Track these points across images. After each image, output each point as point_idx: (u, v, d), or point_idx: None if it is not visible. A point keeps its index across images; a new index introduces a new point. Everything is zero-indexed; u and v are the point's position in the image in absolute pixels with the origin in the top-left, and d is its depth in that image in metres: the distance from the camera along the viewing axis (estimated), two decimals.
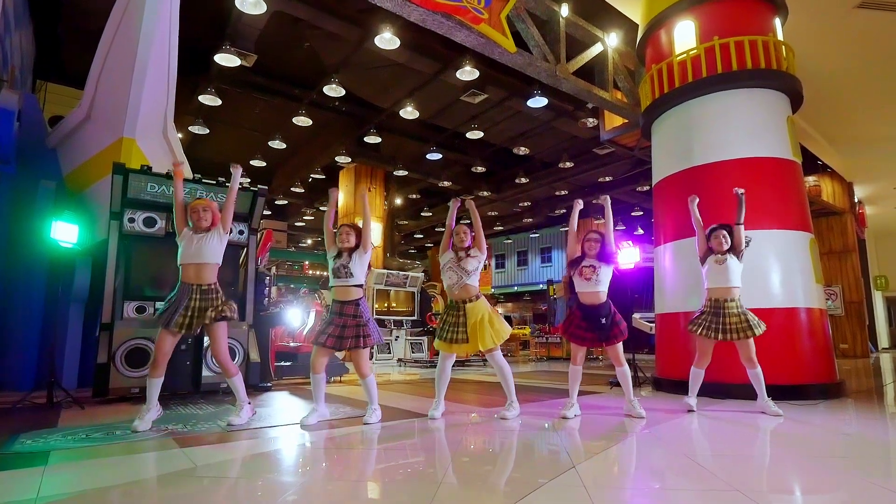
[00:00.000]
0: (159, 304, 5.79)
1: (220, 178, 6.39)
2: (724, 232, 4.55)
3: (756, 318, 4.41)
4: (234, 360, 5.96)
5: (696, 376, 4.63)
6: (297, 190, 17.16)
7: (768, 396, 4.41)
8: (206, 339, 5.83)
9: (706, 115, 6.00)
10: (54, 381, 4.98)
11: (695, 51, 6.09)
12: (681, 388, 5.65)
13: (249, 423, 3.87)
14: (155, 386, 3.79)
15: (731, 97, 5.88)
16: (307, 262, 22.79)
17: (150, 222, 5.96)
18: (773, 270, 5.46)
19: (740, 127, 5.81)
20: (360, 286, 4.09)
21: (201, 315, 3.76)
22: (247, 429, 3.73)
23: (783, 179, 5.72)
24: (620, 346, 4.25)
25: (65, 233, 5.42)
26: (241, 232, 6.48)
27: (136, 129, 6.63)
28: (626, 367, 4.32)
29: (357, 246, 4.09)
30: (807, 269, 5.60)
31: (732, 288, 4.45)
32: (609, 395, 5.73)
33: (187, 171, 6.69)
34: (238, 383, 3.97)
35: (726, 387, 5.25)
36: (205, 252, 3.87)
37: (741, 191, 4.60)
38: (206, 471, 2.63)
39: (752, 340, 4.39)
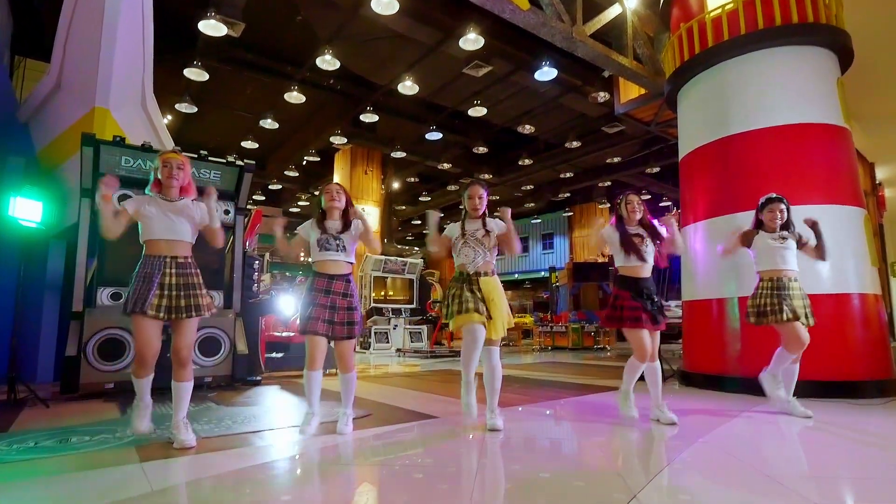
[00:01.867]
0: None
1: (201, 152, 5.78)
2: (783, 206, 3.85)
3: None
4: (218, 352, 5.42)
5: (790, 373, 3.86)
6: (292, 174, 16.52)
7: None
8: None
9: (744, 78, 5.36)
10: (15, 376, 4.41)
11: (731, 4, 5.43)
12: (712, 383, 5.14)
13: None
14: (144, 387, 2.96)
15: (774, 56, 5.22)
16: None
17: (125, 200, 5.34)
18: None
19: (784, 90, 5.17)
20: (351, 264, 3.33)
21: (181, 295, 2.87)
22: (224, 435, 3.14)
23: (833, 148, 5.09)
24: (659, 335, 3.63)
25: (26, 210, 4.81)
26: (226, 212, 5.89)
27: (109, 99, 6.03)
28: (658, 362, 3.64)
29: (346, 210, 3.32)
30: (861, 250, 4.98)
31: (795, 271, 3.81)
32: (639, 392, 5.14)
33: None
34: (187, 392, 3.00)
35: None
36: (179, 228, 2.97)
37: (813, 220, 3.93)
38: (168, 497, 2.04)
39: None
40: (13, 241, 5.56)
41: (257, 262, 6.50)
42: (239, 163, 5.93)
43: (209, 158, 5.78)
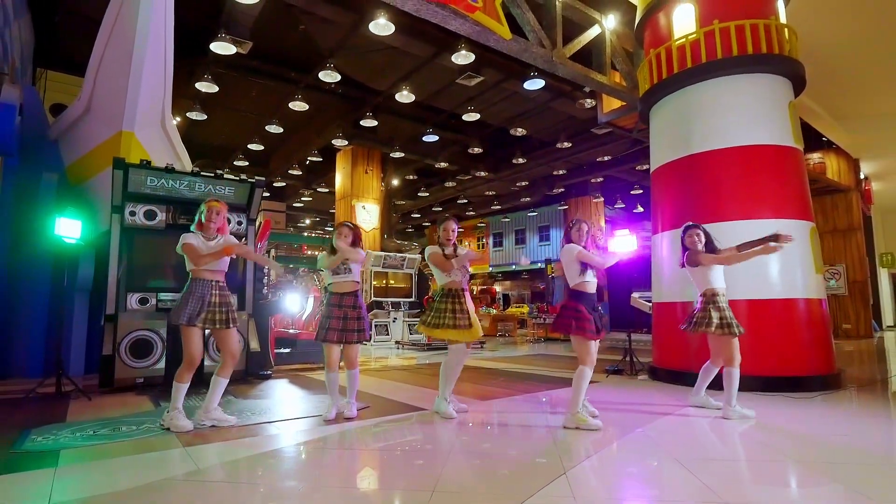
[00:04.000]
0: (162, 296, 5.93)
1: (217, 171, 6.40)
2: (700, 231, 4.34)
3: None
4: None
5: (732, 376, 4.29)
6: (295, 172, 17.10)
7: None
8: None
9: (705, 102, 5.95)
10: (62, 373, 5.07)
11: (694, 35, 6.01)
12: (678, 378, 5.74)
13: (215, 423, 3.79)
14: (182, 391, 3.72)
15: (732, 83, 5.81)
16: (306, 245, 22.86)
17: (150, 215, 6.01)
18: (771, 261, 5.43)
19: (740, 113, 5.75)
20: (357, 282, 4.25)
21: (220, 311, 3.77)
22: (246, 425, 3.80)
23: (784, 167, 5.69)
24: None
25: (69, 229, 5.45)
26: (239, 223, 6.51)
27: (135, 123, 6.64)
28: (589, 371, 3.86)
29: (353, 244, 4.20)
30: (806, 260, 5.58)
31: (719, 288, 4.33)
32: (608, 385, 5.80)
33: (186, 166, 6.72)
34: (222, 387, 3.89)
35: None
36: (218, 261, 3.85)
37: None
38: (210, 474, 2.68)
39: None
40: (48, 249, 6.21)
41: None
42: (250, 180, 6.54)
43: (224, 177, 6.40)
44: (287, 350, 7.45)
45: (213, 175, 6.33)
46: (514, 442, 3.48)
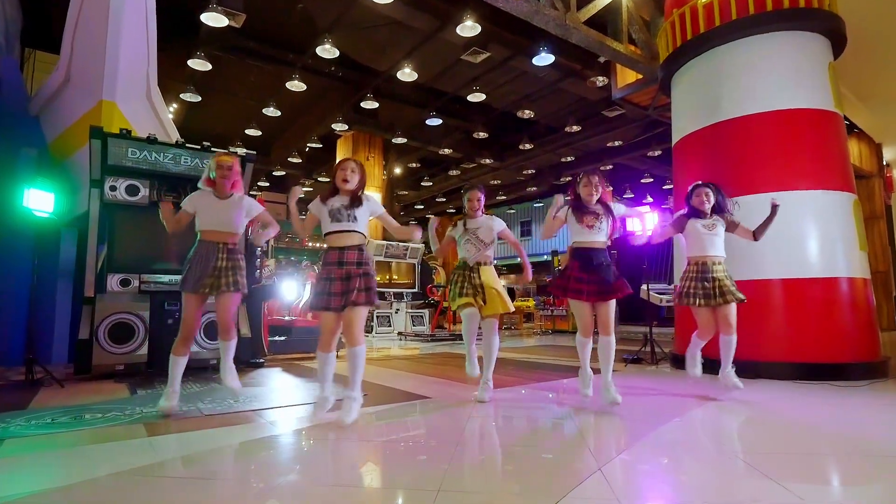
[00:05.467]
0: (146, 277, 5.48)
1: (203, 143, 5.93)
2: (708, 190, 4.03)
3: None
4: None
5: (696, 345, 4.13)
6: (295, 160, 16.64)
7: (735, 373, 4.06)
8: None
9: (735, 64, 5.43)
10: (33, 358, 4.64)
11: None
12: (703, 366, 5.27)
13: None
14: (179, 365, 3.37)
15: (765, 42, 5.29)
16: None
17: (132, 190, 5.55)
18: (810, 236, 4.96)
19: (776, 75, 5.23)
20: (364, 235, 3.23)
21: (226, 275, 3.33)
22: (224, 413, 3.32)
23: (824, 133, 5.18)
24: (614, 307, 3.52)
25: (39, 201, 5.00)
26: None
27: (116, 92, 6.18)
28: (614, 337, 3.48)
29: (359, 190, 3.21)
30: (849, 235, 5.07)
31: (720, 256, 3.98)
32: (628, 374, 5.34)
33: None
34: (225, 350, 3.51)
35: (756, 365, 4.84)
36: (228, 220, 3.41)
37: (777, 203, 4.06)
38: (168, 468, 2.22)
39: (734, 305, 3.95)
40: (27, 230, 5.76)
41: (259, 248, 6.67)
42: (240, 153, 6.07)
43: (212, 149, 5.93)
44: (282, 338, 6.98)
45: (199, 147, 5.86)
46: (534, 434, 2.99)
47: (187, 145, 5.82)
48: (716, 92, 5.57)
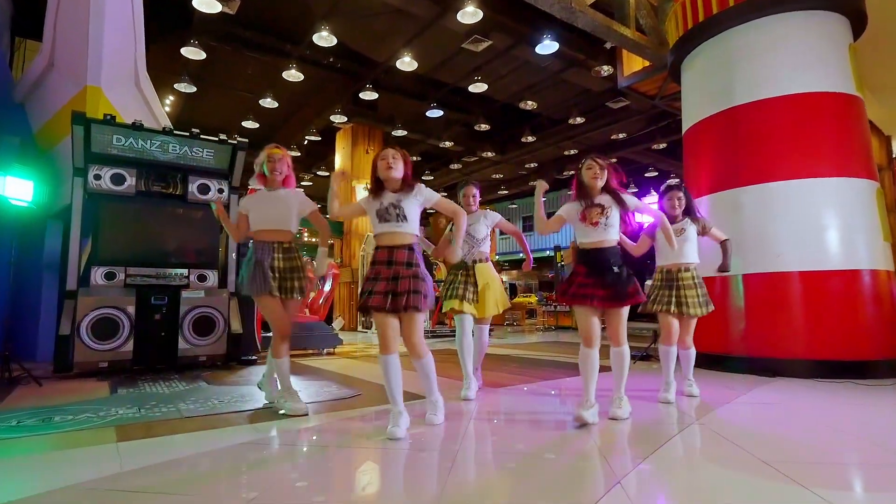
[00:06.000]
0: (132, 270, 5.24)
1: (192, 130, 5.67)
2: (680, 193, 3.75)
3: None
4: (213, 331, 5.38)
5: (666, 356, 3.69)
6: (294, 154, 16.37)
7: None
8: (181, 306, 5.23)
9: (750, 46, 5.15)
10: (9, 355, 4.39)
11: None
12: (716, 362, 5.03)
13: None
14: (283, 366, 3.20)
15: (781, 23, 5.01)
16: (306, 230, 22.07)
17: (118, 179, 5.31)
18: (830, 226, 4.69)
19: (792, 57, 4.96)
20: (416, 236, 2.95)
21: (290, 277, 3.20)
22: (205, 415, 3.06)
23: (845, 118, 4.90)
24: (626, 315, 3.08)
25: (17, 190, 4.77)
26: (220, 190, 5.81)
27: (101, 77, 5.92)
28: (627, 347, 3.10)
29: (406, 181, 2.89)
30: (872, 225, 4.81)
31: (689, 263, 3.71)
32: (636, 372, 5.07)
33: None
34: (288, 366, 3.27)
35: (774, 363, 4.59)
36: (280, 217, 3.26)
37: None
38: (129, 480, 1.95)
39: (695, 320, 3.73)
40: (8, 221, 5.52)
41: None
42: (231, 141, 5.82)
43: (201, 137, 5.68)
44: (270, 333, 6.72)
45: (188, 134, 5.60)
46: (541, 440, 2.72)
47: (175, 132, 5.57)
48: (730, 76, 5.30)
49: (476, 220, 3.87)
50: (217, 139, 5.75)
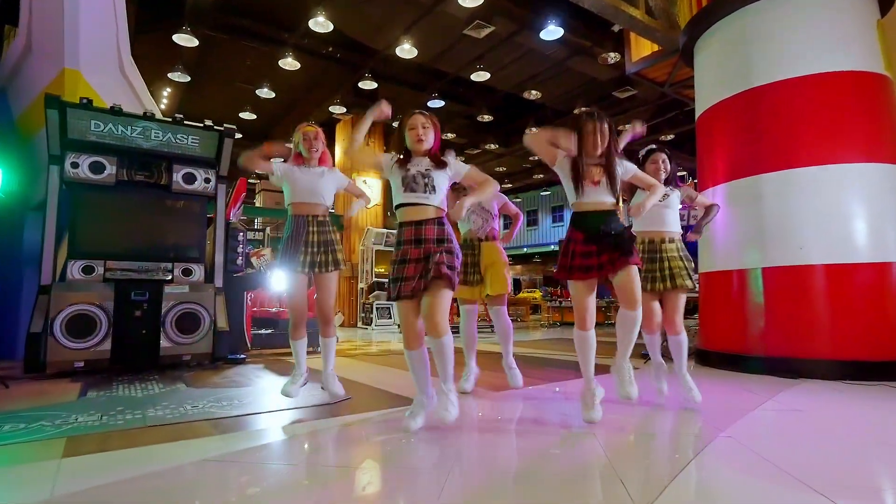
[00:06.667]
0: (112, 263, 4.95)
1: (176, 116, 5.37)
2: (664, 156, 3.43)
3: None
4: (198, 328, 5.09)
5: (651, 343, 3.36)
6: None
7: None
8: (164, 302, 4.93)
9: (769, 23, 4.79)
10: None
11: None
12: (735, 362, 4.69)
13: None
14: (300, 347, 3.28)
15: None
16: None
17: (97, 168, 5.00)
18: (858, 216, 4.34)
19: (814, 35, 4.61)
20: (442, 209, 2.69)
21: (323, 251, 3.22)
22: (171, 423, 2.73)
23: (872, 99, 4.54)
24: (637, 273, 2.74)
25: None
26: (207, 180, 5.50)
27: (79, 60, 5.61)
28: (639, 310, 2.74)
29: (438, 148, 2.75)
30: None
31: (673, 232, 3.31)
32: (647, 373, 4.72)
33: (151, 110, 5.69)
34: (332, 347, 3.44)
35: (796, 364, 4.26)
36: (319, 191, 3.25)
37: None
38: None
39: (684, 296, 3.25)
40: None
41: (241, 233, 6.12)
42: (217, 127, 5.51)
43: (185, 123, 5.37)
44: (268, 331, 6.44)
45: (171, 120, 5.30)
46: (544, 454, 2.41)
47: (157, 118, 5.26)
48: (746, 56, 4.96)
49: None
50: (202, 125, 5.45)
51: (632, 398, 2.82)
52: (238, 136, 5.61)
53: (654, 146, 3.54)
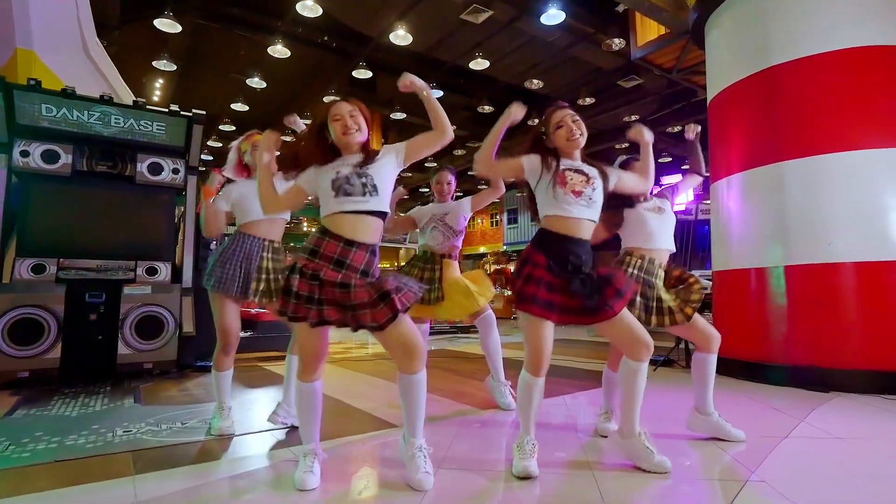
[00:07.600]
0: (66, 262, 4.51)
1: (137, 100, 4.93)
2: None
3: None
4: (160, 334, 4.64)
5: (608, 382, 2.76)
6: (288, 139, 15.61)
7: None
8: (122, 307, 4.49)
9: None
10: None
11: None
12: (755, 372, 4.21)
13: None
14: (225, 380, 2.77)
15: None
16: (305, 218, 21.36)
17: (50, 157, 4.56)
18: (891, 208, 3.86)
19: (840, 7, 4.11)
20: (384, 218, 2.11)
21: (279, 279, 2.71)
22: (86, 457, 2.26)
23: None
24: (628, 314, 2.18)
25: None
26: (175, 171, 5.05)
27: (32, 40, 5.16)
28: (646, 368, 2.17)
29: (369, 141, 2.21)
30: None
31: (669, 250, 2.71)
32: (658, 384, 4.19)
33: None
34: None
35: (824, 375, 3.79)
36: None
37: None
38: None
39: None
40: None
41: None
42: (186, 113, 5.06)
43: (148, 108, 4.92)
44: (247, 333, 5.99)
45: (132, 105, 4.85)
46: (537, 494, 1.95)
47: (117, 102, 4.82)
48: (763, 32, 4.46)
49: (453, 210, 3.44)
50: (167, 111, 5.00)
51: (667, 469, 2.10)
52: (186, 113, 5.05)
53: (626, 157, 2.93)
